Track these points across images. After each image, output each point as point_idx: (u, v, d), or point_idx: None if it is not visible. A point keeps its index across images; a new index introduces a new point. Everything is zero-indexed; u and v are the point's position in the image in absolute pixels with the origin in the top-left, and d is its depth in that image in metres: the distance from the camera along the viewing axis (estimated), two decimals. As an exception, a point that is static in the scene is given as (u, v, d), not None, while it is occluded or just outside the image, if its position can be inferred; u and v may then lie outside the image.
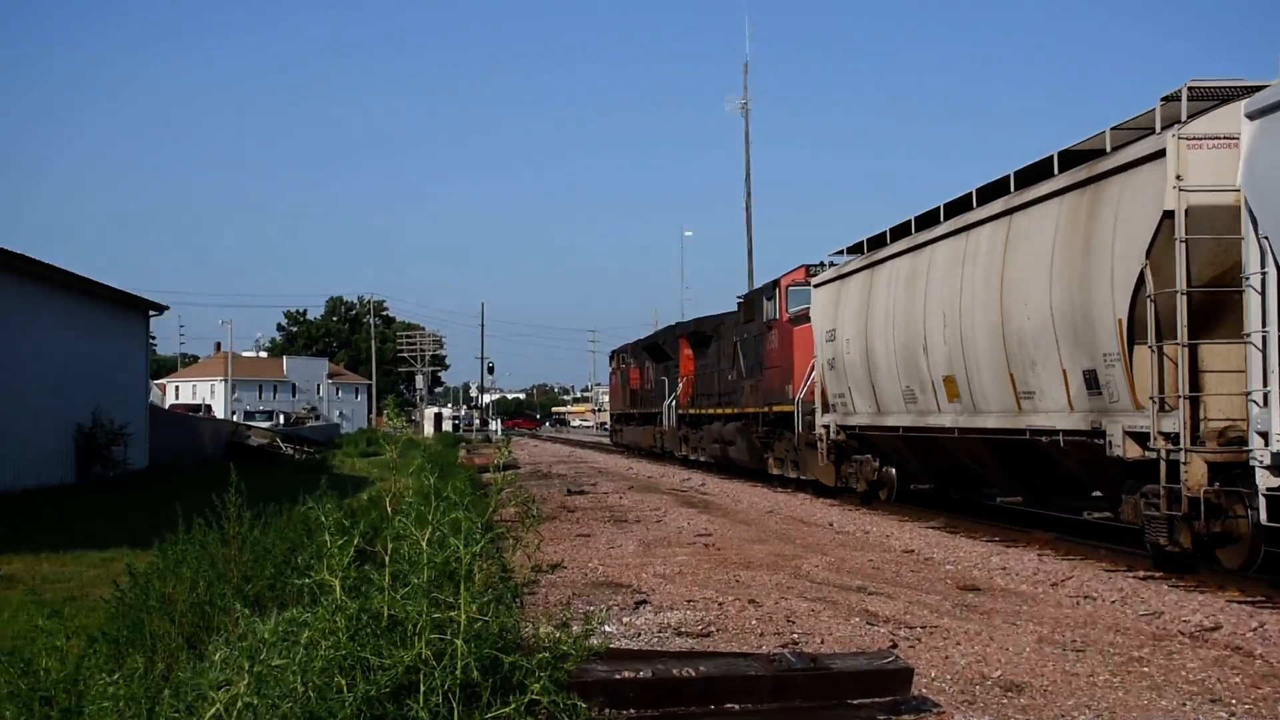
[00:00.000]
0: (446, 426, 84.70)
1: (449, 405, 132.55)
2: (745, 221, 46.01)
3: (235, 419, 68.35)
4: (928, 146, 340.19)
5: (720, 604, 10.09)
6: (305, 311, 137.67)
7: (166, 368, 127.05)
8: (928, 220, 17.84)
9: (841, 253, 22.06)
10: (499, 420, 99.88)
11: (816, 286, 22.45)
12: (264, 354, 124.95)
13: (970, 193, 16.23)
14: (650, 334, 43.80)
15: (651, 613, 9.64)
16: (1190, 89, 12.02)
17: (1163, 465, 11.56)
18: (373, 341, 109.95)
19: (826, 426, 21.77)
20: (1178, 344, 11.26)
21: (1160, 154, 11.78)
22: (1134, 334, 11.96)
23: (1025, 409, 14.38)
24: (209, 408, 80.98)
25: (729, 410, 29.43)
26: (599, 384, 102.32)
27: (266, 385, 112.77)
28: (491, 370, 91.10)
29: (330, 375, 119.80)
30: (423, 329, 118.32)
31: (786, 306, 25.36)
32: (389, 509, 5.57)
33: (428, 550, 4.97)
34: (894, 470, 20.31)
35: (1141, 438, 11.82)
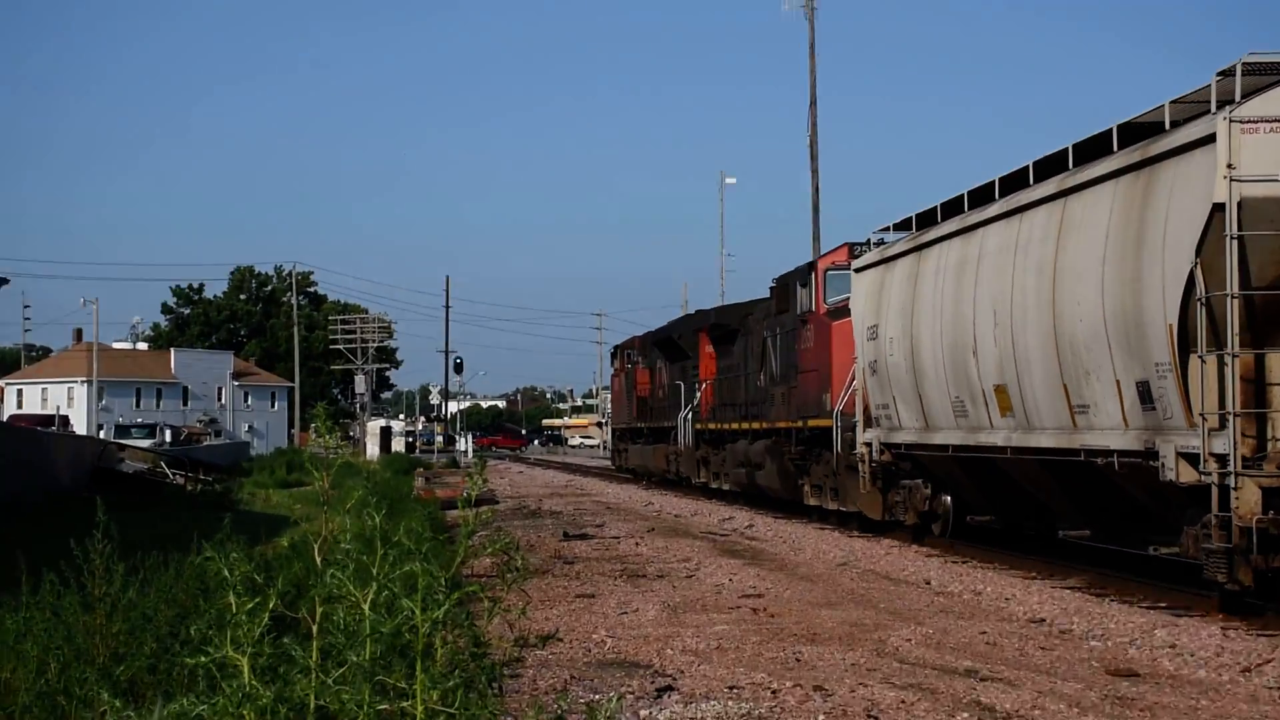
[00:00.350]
0: (397, 445, 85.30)
1: (401, 416, 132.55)
2: (809, 163, 45.53)
3: (103, 435, 68.15)
4: (1074, 77, 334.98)
5: (774, 691, 10.00)
6: (201, 287, 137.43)
7: (6, 364, 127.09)
8: (982, 197, 19.51)
9: (888, 230, 23.58)
10: (469, 437, 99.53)
11: (858, 271, 24.12)
12: (143, 346, 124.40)
13: (1026, 166, 17.92)
14: (664, 325, 45.31)
15: (679, 704, 9.58)
16: (1245, 64, 13.36)
17: (1214, 491, 13.28)
18: (295, 328, 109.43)
19: (869, 444, 23.35)
20: (1229, 353, 12.93)
21: (1210, 138, 13.27)
22: (1186, 341, 13.65)
23: (1080, 425, 16.14)
24: (65, 420, 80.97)
25: (756, 425, 30.99)
26: (606, 388, 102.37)
27: (147, 389, 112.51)
28: (459, 368, 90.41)
29: (236, 375, 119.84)
30: (365, 311, 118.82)
31: (825, 295, 26.72)
32: (317, 559, 5.52)
33: (371, 616, 4.99)
34: (948, 498, 21.89)
35: (1196, 459, 13.61)
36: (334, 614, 5.07)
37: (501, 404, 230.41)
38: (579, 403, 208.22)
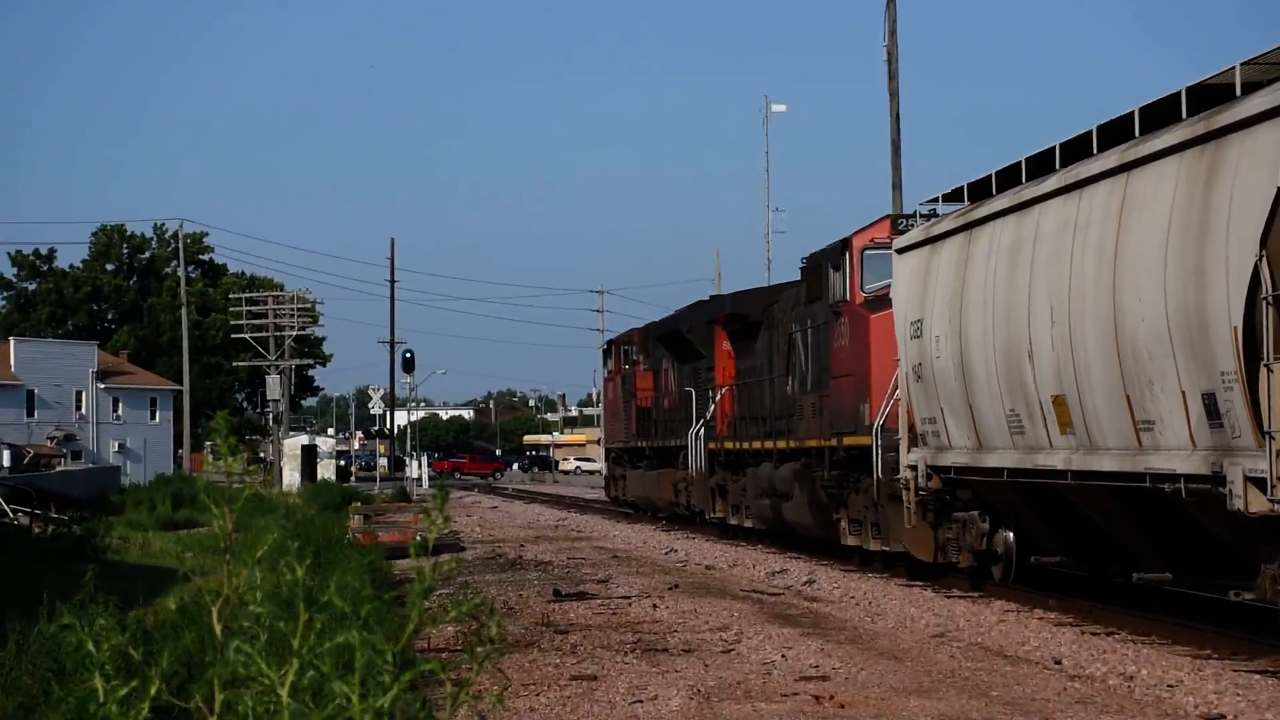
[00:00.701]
0: (325, 471, 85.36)
1: (330, 431, 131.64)
2: (885, 82, 45.43)
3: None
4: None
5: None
6: (53, 254, 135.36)
7: None
8: (1041, 166, 21.45)
9: (936, 201, 25.53)
10: (425, 459, 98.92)
11: (900, 252, 26.04)
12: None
13: (1090, 131, 19.78)
14: (669, 315, 47.20)
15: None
16: (1318, 24, 14.98)
17: (1284, 521, 15.36)
18: (184, 309, 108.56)
19: (914, 467, 25.19)
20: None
21: (1276, 111, 14.73)
22: (1254, 347, 15.21)
23: (1145, 445, 17.99)
24: None
25: (783, 444, 32.94)
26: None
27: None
28: (410, 365, 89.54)
29: (102, 374, 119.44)
30: (280, 287, 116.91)
31: (862, 280, 28.50)
32: (216, 627, 5.37)
33: (291, 705, 4.83)
34: (1010, 535, 23.79)
35: (1266, 484, 15.23)
36: (239, 702, 4.86)
37: (468, 414, 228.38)
38: (573, 413, 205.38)
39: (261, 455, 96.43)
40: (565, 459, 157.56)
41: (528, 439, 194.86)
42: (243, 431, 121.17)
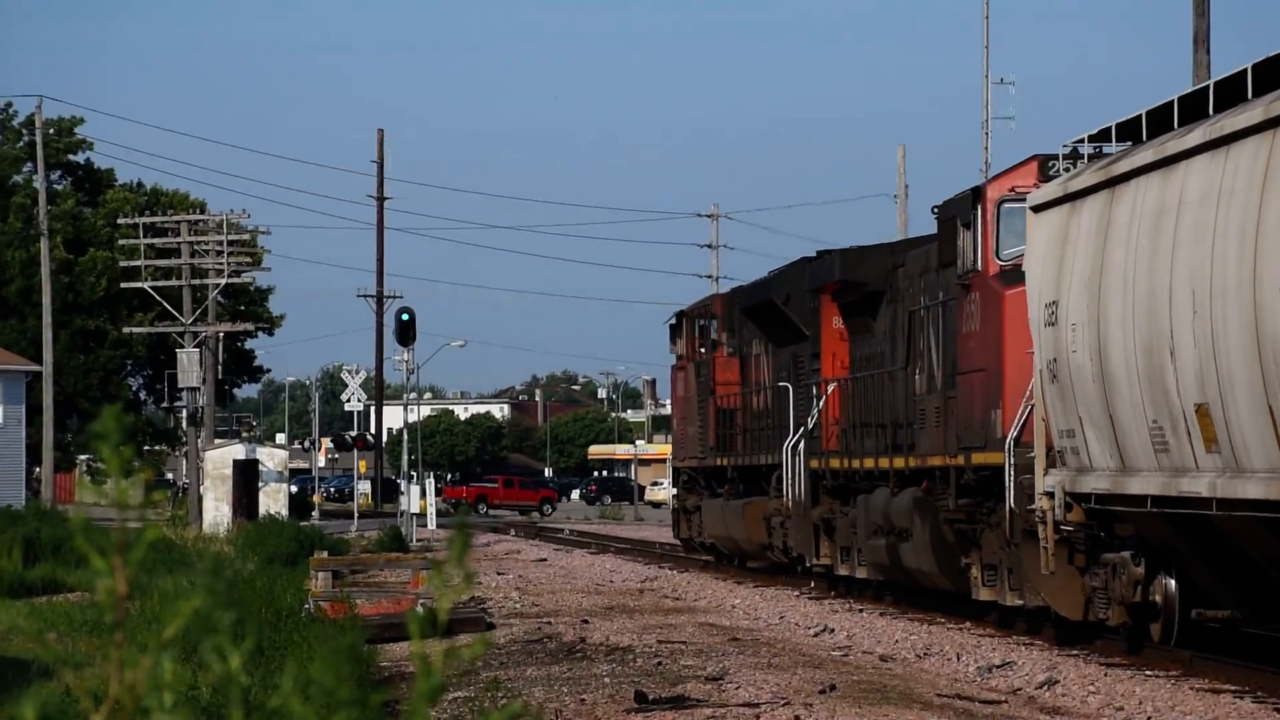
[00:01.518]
0: (272, 502, 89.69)
1: (280, 438, 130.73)
2: None
3: None
4: None
5: None
6: None
7: None
8: (1193, 109, 26.02)
9: (1082, 143, 30.23)
10: (430, 483, 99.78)
11: (1036, 211, 30.65)
12: None
13: (1244, 69, 24.37)
14: (761, 279, 51.13)
15: None
16: None
17: None
18: (44, 241, 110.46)
19: (1050, 494, 29.73)
20: None
21: None
22: None
23: None
24: None
25: (900, 463, 37.69)
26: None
27: None
28: (407, 332, 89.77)
29: None
30: (201, 208, 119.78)
31: (997, 245, 32.92)
32: None
33: None
34: (1171, 582, 28.20)
35: None
36: None
37: (501, 411, 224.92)
38: (666, 409, 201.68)
39: (169, 476, 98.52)
40: (655, 483, 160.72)
41: (594, 451, 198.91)
42: (140, 438, 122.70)
